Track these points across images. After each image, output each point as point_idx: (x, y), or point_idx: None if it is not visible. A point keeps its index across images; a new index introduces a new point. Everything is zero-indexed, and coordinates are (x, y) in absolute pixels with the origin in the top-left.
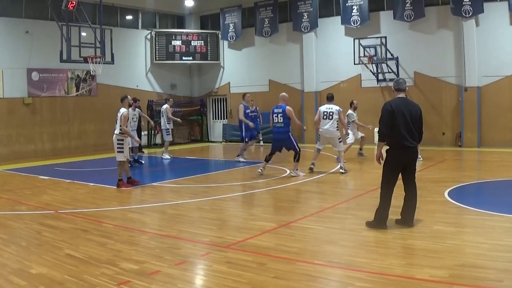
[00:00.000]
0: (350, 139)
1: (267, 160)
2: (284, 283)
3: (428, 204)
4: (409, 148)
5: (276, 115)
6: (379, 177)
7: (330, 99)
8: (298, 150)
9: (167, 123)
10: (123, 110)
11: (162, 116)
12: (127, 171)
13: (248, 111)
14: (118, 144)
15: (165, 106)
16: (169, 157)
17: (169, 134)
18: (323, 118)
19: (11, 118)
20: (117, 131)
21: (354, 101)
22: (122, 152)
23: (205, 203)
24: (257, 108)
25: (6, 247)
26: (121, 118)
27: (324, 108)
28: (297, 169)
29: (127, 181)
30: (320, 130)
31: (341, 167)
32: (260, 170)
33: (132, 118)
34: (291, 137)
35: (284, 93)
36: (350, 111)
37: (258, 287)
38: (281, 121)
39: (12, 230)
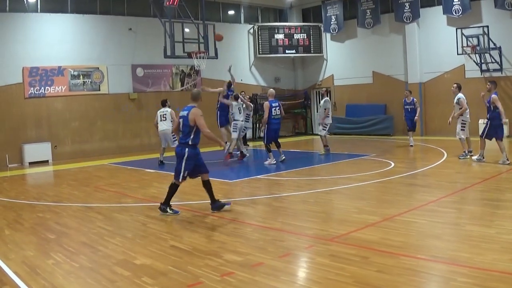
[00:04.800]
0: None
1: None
2: (387, 277)
3: None
4: None
5: (275, 108)
6: (483, 170)
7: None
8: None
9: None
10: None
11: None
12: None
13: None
14: (233, 126)
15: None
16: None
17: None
18: None
19: (117, 114)
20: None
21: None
22: (236, 131)
23: (309, 196)
24: (414, 99)
25: (111, 239)
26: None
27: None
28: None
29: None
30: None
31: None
32: None
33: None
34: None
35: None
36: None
37: (360, 281)
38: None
39: (118, 222)
